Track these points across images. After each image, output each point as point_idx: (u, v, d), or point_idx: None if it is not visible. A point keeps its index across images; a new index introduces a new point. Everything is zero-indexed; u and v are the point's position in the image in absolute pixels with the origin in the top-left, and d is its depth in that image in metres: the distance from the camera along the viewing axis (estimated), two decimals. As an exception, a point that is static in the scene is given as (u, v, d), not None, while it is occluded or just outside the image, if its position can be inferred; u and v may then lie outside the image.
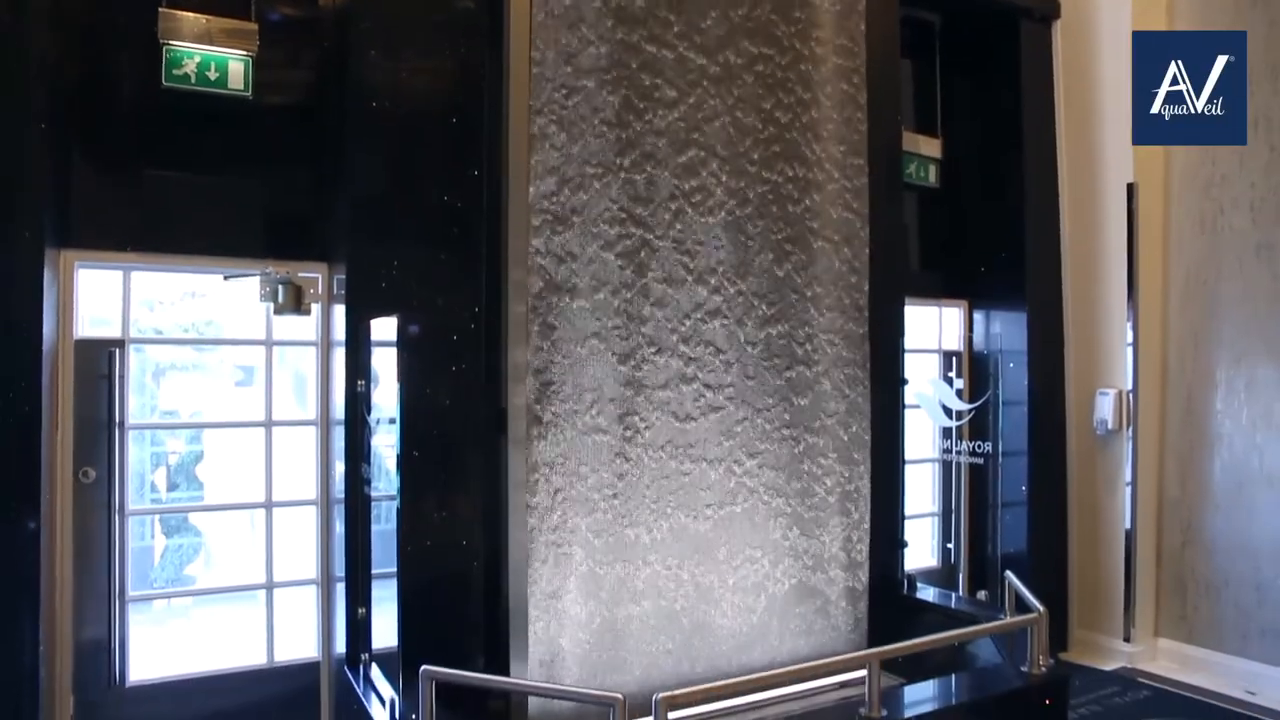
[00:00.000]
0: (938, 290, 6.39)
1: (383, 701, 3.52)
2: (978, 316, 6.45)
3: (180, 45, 3.99)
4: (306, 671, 4.33)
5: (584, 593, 4.04)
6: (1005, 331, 6.25)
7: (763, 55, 4.58)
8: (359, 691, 3.76)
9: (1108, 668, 5.82)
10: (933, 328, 6.42)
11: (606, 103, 4.12)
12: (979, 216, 6.35)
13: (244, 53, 4.09)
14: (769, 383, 4.58)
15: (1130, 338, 6.01)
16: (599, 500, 4.09)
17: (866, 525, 4.91)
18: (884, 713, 3.45)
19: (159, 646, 4.51)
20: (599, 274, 4.10)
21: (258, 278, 4.18)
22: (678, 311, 4.30)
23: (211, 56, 4.04)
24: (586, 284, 4.07)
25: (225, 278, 4.21)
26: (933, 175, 6.35)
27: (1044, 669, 3.91)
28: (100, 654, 3.95)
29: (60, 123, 3.82)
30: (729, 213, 4.45)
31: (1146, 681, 5.59)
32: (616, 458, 4.14)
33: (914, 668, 4.29)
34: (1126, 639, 5.97)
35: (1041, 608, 3.99)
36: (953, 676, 4.14)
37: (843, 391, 4.84)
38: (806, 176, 4.72)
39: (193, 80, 4.03)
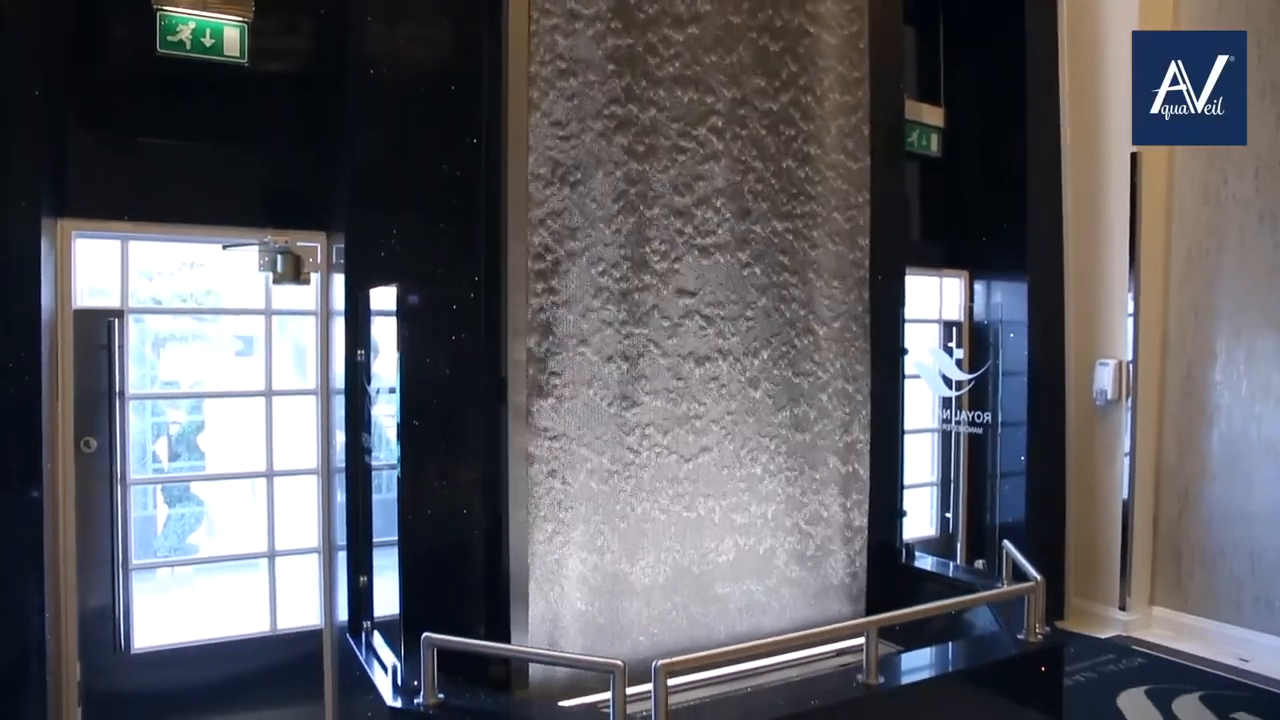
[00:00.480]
0: (939, 260, 6.37)
1: (385, 668, 3.56)
2: (978, 287, 6.44)
3: (175, 11, 3.93)
4: (309, 639, 4.37)
5: (584, 561, 4.07)
6: (1006, 302, 6.24)
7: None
8: (361, 658, 3.80)
9: (1103, 635, 5.89)
10: (933, 298, 6.41)
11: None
12: (981, 186, 6.31)
13: (239, 19, 4.04)
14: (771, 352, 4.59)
15: (1131, 308, 6.00)
16: (600, 468, 4.11)
17: (866, 495, 4.93)
18: (881, 680, 3.49)
19: (163, 614, 4.54)
20: (600, 238, 4.09)
21: (256, 247, 4.16)
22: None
23: (206, 23, 3.99)
24: (586, 249, 4.06)
25: (224, 247, 4.19)
26: (935, 144, 6.30)
27: (1040, 637, 3.94)
28: (105, 621, 3.98)
29: (54, 90, 3.77)
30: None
31: (1141, 649, 5.65)
32: (617, 425, 4.15)
33: (912, 635, 4.33)
34: (1122, 607, 6.03)
35: (1038, 576, 4.02)
36: (950, 644, 4.18)
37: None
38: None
39: (188, 47, 3.98)
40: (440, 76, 4.01)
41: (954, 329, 6.42)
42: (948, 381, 6.23)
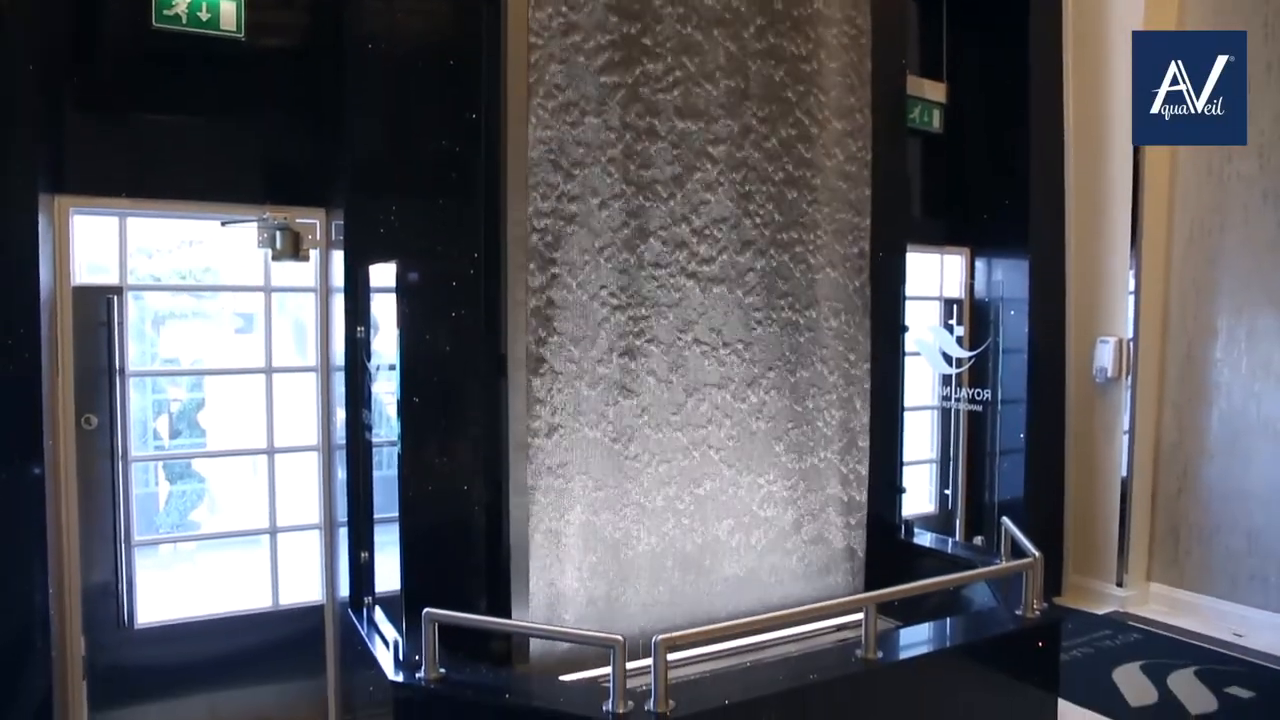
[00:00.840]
0: (940, 237, 6.35)
1: (386, 643, 3.58)
2: (979, 264, 6.42)
3: (170, -16, 3.90)
4: (311, 614, 4.40)
5: (585, 537, 4.09)
6: (1007, 279, 6.23)
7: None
8: (363, 633, 3.83)
9: (1100, 611, 5.92)
10: (934, 275, 6.40)
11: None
12: (983, 163, 6.28)
13: (236, -8, 4.01)
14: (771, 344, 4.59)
15: (1132, 286, 5.99)
16: (600, 445, 4.12)
17: (865, 471, 4.95)
18: (880, 654, 3.51)
19: (166, 590, 4.57)
20: (599, 215, 4.08)
21: (255, 224, 4.14)
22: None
23: (203, -3, 3.96)
24: (589, 212, 4.05)
25: (223, 223, 4.18)
26: (937, 120, 6.26)
27: (1037, 613, 3.96)
28: (109, 597, 4.00)
29: (49, 65, 3.75)
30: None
31: (1137, 625, 5.69)
32: (618, 399, 4.16)
33: (910, 611, 4.36)
34: (1119, 584, 6.07)
35: (1036, 553, 4.04)
36: (948, 620, 4.20)
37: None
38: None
39: (184, 21, 3.94)
40: (439, 51, 3.97)
41: (955, 306, 6.41)
42: (948, 359, 6.23)
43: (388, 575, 3.91)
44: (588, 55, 4.03)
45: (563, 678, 3.76)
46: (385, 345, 3.88)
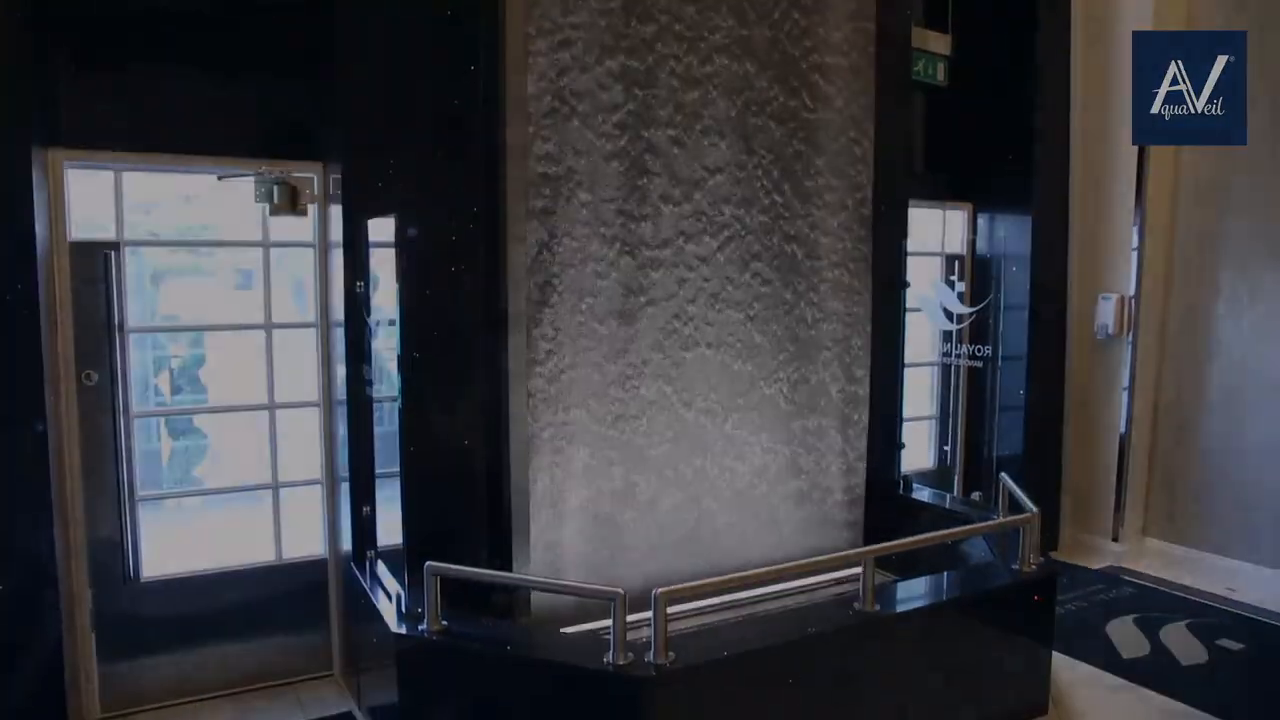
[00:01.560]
0: (942, 192, 6.29)
1: (389, 596, 3.62)
2: (982, 220, 6.38)
3: (162, -68, 3.81)
4: (314, 568, 4.44)
5: (585, 490, 4.12)
6: (1009, 235, 6.19)
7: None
8: (366, 587, 3.87)
9: (1095, 566, 5.98)
10: (936, 230, 6.35)
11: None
12: (987, 116, 6.19)
13: (229, -60, 3.92)
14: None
15: (1135, 243, 5.95)
16: (600, 398, 4.12)
17: (865, 427, 4.97)
18: (877, 607, 3.56)
19: (171, 544, 4.60)
20: (598, 168, 4.04)
21: (252, 178, 4.10)
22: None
23: (195, -56, 3.87)
24: (586, 177, 4.01)
25: (219, 178, 4.13)
26: (941, 73, 6.16)
27: (1034, 567, 4.00)
28: (114, 551, 4.04)
29: (41, 14, 3.67)
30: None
31: (1131, 579, 5.75)
32: (618, 353, 4.15)
33: (908, 565, 4.40)
34: (1115, 539, 6.12)
35: (1034, 508, 4.07)
36: (945, 573, 4.25)
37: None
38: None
39: (176, -30, 3.87)
40: (437, 1, 3.90)
41: (956, 262, 6.38)
42: (949, 315, 6.22)
43: (390, 529, 3.94)
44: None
45: (564, 630, 3.81)
46: (385, 300, 3.87)
